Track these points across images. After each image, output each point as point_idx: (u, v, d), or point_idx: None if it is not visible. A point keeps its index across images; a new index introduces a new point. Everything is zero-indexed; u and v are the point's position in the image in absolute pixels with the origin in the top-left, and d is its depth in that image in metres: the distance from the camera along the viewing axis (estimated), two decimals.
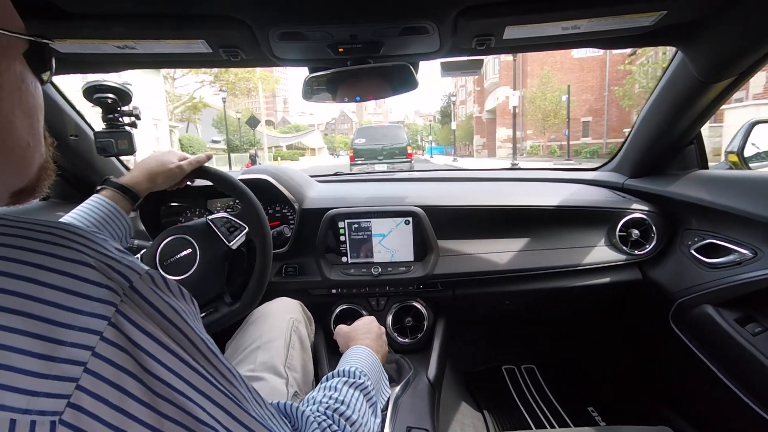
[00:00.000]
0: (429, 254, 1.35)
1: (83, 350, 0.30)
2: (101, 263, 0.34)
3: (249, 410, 0.39)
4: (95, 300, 0.32)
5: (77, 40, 0.93)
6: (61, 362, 0.29)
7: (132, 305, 0.33)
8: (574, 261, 1.39)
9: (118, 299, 0.33)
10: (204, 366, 0.37)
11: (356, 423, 0.59)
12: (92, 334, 0.30)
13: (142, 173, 1.00)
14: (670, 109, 1.26)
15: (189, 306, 0.40)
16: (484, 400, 1.65)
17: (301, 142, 57.79)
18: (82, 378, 0.29)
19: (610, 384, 1.72)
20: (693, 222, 1.30)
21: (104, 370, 0.30)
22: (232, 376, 0.39)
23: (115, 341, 0.31)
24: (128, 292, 0.34)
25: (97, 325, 0.31)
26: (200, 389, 0.35)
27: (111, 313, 0.32)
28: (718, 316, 1.13)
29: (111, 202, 0.93)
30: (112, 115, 1.01)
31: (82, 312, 0.31)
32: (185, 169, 1.06)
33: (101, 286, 0.32)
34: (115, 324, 0.32)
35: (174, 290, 0.39)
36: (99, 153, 1.03)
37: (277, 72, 61.91)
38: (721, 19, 0.93)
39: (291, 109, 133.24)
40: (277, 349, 1.00)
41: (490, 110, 33.06)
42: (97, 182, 1.08)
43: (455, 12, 0.87)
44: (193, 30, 0.91)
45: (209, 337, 0.40)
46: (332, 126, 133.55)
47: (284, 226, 1.42)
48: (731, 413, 1.17)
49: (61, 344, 0.29)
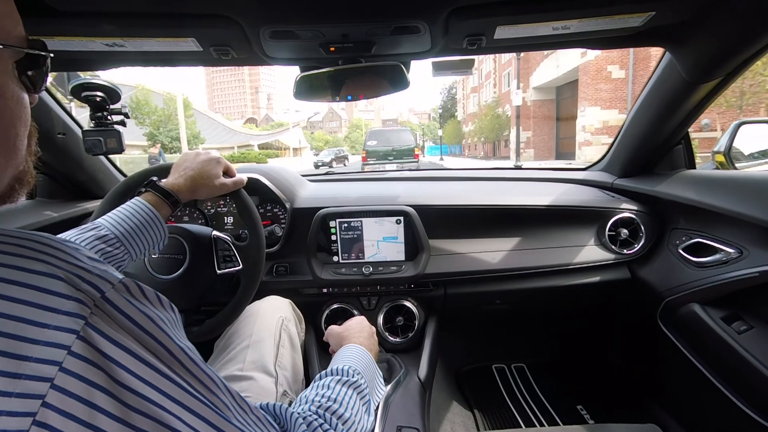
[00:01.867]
0: (420, 253, 1.35)
1: (50, 366, 0.29)
2: (70, 274, 0.33)
3: (231, 419, 0.38)
4: (63, 313, 0.31)
5: (65, 38, 0.92)
6: (26, 379, 0.28)
7: (103, 316, 0.33)
8: (564, 260, 1.40)
9: (87, 311, 0.32)
10: (182, 375, 0.36)
11: (348, 421, 0.59)
12: (59, 349, 0.29)
13: (187, 182, 0.95)
14: (658, 110, 1.28)
15: (168, 314, 0.39)
16: (475, 399, 1.65)
17: (279, 140, 54.34)
18: (49, 394, 0.28)
19: (599, 382, 1.74)
20: (681, 221, 1.32)
21: (72, 385, 0.29)
22: (213, 385, 0.38)
23: (84, 355, 0.30)
24: (99, 303, 0.33)
25: (65, 340, 0.30)
26: (178, 400, 0.34)
27: (80, 326, 0.31)
28: (704, 314, 1.14)
29: (152, 207, 0.88)
30: (101, 114, 1.00)
31: (49, 326, 0.30)
32: (229, 188, 1.02)
33: (69, 298, 0.32)
34: (84, 337, 0.31)
35: (151, 298, 0.38)
36: (87, 152, 1.02)
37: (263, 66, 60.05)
38: (709, 20, 0.94)
39: (276, 106, 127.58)
40: (267, 348, 1.00)
41: (543, 87, 22.96)
42: (85, 181, 1.08)
43: (446, 12, 0.87)
44: (183, 28, 0.90)
45: (190, 344, 0.39)
46: (319, 124, 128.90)
47: (275, 226, 1.42)
48: (717, 410, 1.19)
49: (25, 360, 0.28)
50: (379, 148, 13.23)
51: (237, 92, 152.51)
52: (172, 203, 0.91)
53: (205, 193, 0.98)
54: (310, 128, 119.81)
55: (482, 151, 40.91)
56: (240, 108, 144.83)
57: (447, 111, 60.58)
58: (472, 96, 44.75)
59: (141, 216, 0.86)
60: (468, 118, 46.88)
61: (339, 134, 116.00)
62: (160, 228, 0.89)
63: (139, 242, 0.86)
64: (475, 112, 40.69)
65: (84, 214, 1.39)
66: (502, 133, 31.25)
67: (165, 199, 0.90)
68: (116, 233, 0.83)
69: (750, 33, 0.95)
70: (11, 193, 0.42)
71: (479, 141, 39.15)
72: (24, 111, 0.40)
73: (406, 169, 2.49)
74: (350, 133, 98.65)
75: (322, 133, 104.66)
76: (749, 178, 1.10)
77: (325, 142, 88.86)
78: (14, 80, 0.39)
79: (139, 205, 0.88)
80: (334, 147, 71.93)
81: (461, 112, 52.89)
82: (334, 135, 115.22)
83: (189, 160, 0.99)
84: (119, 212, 0.86)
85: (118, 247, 0.82)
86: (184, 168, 0.97)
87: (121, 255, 0.83)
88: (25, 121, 0.41)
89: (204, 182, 0.97)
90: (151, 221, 0.87)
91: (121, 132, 1.03)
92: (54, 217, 1.28)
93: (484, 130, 33.29)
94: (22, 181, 0.43)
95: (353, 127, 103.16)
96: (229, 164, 1.04)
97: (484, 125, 32.68)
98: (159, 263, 1.02)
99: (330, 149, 36.34)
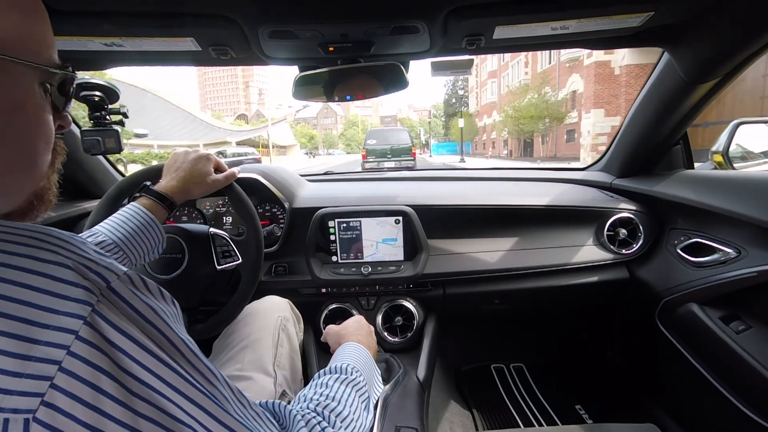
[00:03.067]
0: (419, 253, 1.35)
1: (58, 349, 0.30)
2: (78, 264, 0.34)
3: (230, 411, 0.39)
4: (71, 300, 0.32)
5: (63, 38, 0.92)
6: (36, 361, 0.29)
7: (109, 305, 0.34)
8: (563, 260, 1.40)
9: (94, 299, 0.33)
10: (183, 366, 0.37)
11: (347, 419, 0.59)
12: (68, 333, 0.30)
13: (179, 183, 0.96)
14: (656, 110, 1.28)
15: (170, 307, 0.40)
16: (473, 399, 1.65)
17: (263, 137, 49.51)
18: (57, 377, 0.29)
19: (597, 382, 1.74)
20: (679, 221, 1.32)
21: (79, 369, 0.30)
22: (213, 377, 0.39)
23: (91, 340, 0.31)
24: (105, 292, 0.34)
25: (73, 325, 0.31)
26: (178, 389, 0.35)
27: (87, 312, 0.32)
28: (702, 314, 1.14)
29: (148, 212, 0.89)
30: (99, 113, 0.99)
31: (58, 312, 0.31)
32: (222, 183, 1.03)
33: (78, 286, 0.33)
34: (91, 323, 0.32)
35: (153, 291, 0.39)
36: (86, 152, 1.01)
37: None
38: (707, 20, 0.94)
39: (268, 102, 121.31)
40: (266, 348, 1.00)
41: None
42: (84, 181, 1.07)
43: (445, 12, 0.87)
44: (182, 28, 0.90)
45: (191, 338, 0.40)
46: (312, 120, 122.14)
47: (274, 226, 1.42)
48: (716, 410, 1.19)
49: (36, 343, 0.29)
50: (378, 146, 13.88)
51: (230, 88, 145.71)
52: (167, 206, 0.93)
53: (198, 192, 0.99)
54: (301, 124, 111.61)
55: (509, 147, 32.70)
56: (233, 104, 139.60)
57: (451, 107, 54.57)
58: (490, 83, 38.12)
59: (138, 221, 0.87)
60: (483, 110, 41.34)
61: (334, 131, 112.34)
62: (158, 232, 0.90)
63: (138, 247, 0.87)
64: (494, 102, 35.27)
65: (82, 214, 1.39)
66: (554, 122, 23.09)
67: (160, 202, 0.92)
68: (114, 239, 0.83)
69: (748, 33, 0.95)
70: (30, 209, 0.43)
71: (509, 135, 29.85)
72: (45, 127, 0.41)
73: (404, 169, 2.49)
74: (345, 130, 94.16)
75: (306, 128, 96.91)
76: (747, 179, 1.11)
77: (309, 138, 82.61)
78: (38, 98, 0.40)
79: (135, 210, 0.89)
80: (328, 146, 67.28)
81: (473, 104, 46.03)
82: (329, 132, 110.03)
83: (179, 161, 1.00)
84: (115, 218, 0.87)
85: (116, 253, 0.83)
86: (176, 169, 0.98)
87: (121, 261, 0.84)
88: (46, 137, 0.41)
89: (196, 181, 0.98)
90: (148, 225, 0.88)
91: (119, 132, 1.03)
92: (52, 216, 1.28)
93: (521, 120, 24.40)
94: (43, 198, 0.44)
95: (349, 124, 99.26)
96: (219, 160, 1.05)
97: (522, 113, 24.11)
98: (158, 263, 1.02)
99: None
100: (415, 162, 13.66)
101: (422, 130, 59.14)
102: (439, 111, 70.12)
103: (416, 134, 58.88)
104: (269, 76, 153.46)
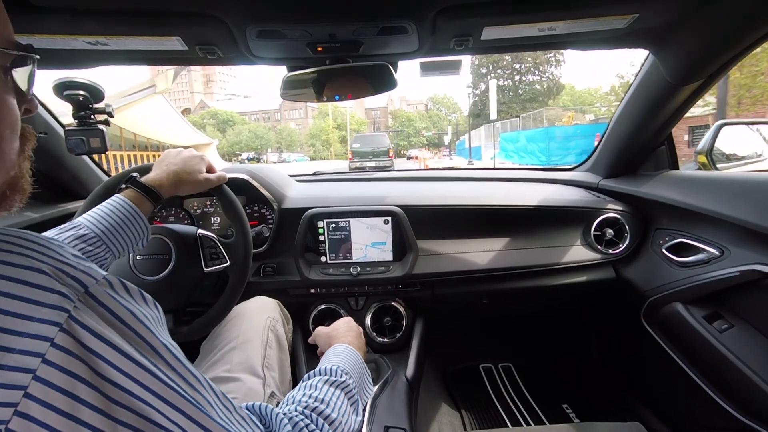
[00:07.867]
0: (408, 254, 1.35)
1: (33, 357, 0.29)
2: (55, 269, 0.33)
3: (213, 416, 0.38)
4: (46, 306, 0.31)
5: (46, 36, 0.90)
6: (8, 370, 0.28)
7: (87, 311, 0.33)
8: (551, 260, 1.41)
9: (71, 305, 0.32)
10: (164, 371, 0.36)
11: (335, 422, 0.59)
12: (42, 341, 0.30)
13: (169, 177, 0.94)
14: (642, 111, 1.29)
15: (151, 311, 0.40)
16: (462, 399, 1.66)
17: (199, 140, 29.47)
18: (31, 386, 0.29)
19: (584, 381, 1.76)
20: (664, 221, 1.34)
21: (54, 377, 0.30)
22: (196, 381, 0.39)
23: (67, 347, 0.31)
24: (83, 297, 0.33)
25: (48, 332, 0.30)
26: (159, 394, 0.34)
27: (63, 319, 0.31)
28: (687, 313, 1.16)
29: (132, 204, 0.87)
30: (83, 113, 0.98)
31: (32, 318, 0.30)
32: (213, 183, 1.02)
33: (53, 291, 0.32)
34: (68, 330, 0.31)
35: (134, 295, 0.38)
36: (69, 151, 1.00)
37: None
38: (691, 22, 0.96)
39: (217, 91, 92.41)
40: (254, 349, 0.99)
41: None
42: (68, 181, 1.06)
43: (433, 12, 0.87)
44: (168, 27, 0.89)
45: (173, 342, 0.39)
46: (275, 114, 76.99)
47: (263, 226, 1.41)
48: (699, 408, 1.21)
49: (9, 352, 0.29)
50: (362, 149, 16.59)
51: (183, 80, 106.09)
52: (153, 199, 0.91)
53: (188, 189, 0.98)
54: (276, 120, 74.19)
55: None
56: (187, 94, 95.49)
57: (476, 108, 40.34)
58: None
59: (121, 213, 0.85)
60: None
61: (303, 127, 68.80)
62: (142, 224, 0.88)
63: (121, 239, 0.85)
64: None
65: (65, 215, 1.36)
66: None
67: (146, 195, 0.89)
68: (96, 231, 0.82)
69: (731, 35, 0.96)
70: (3, 199, 0.42)
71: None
72: (9, 113, 0.39)
73: (395, 170, 2.49)
74: (312, 129, 60.07)
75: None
76: (730, 179, 1.12)
77: (255, 136, 51.89)
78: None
79: (118, 201, 0.87)
80: (286, 148, 45.16)
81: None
82: (298, 128, 66.24)
83: (171, 157, 0.99)
84: (98, 210, 0.85)
85: (99, 246, 0.81)
86: (167, 164, 0.97)
87: (103, 254, 0.82)
88: (11, 124, 0.39)
89: (187, 177, 0.96)
90: (131, 217, 0.86)
91: (104, 131, 1.01)
92: (35, 218, 1.25)
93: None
94: (16, 187, 0.42)
95: (321, 115, 61.15)
96: (210, 161, 1.04)
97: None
98: (144, 264, 1.01)
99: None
100: (392, 162, 16.47)
101: (449, 127, 46.47)
102: (438, 104, 65.36)
103: (414, 128, 52.99)
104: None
